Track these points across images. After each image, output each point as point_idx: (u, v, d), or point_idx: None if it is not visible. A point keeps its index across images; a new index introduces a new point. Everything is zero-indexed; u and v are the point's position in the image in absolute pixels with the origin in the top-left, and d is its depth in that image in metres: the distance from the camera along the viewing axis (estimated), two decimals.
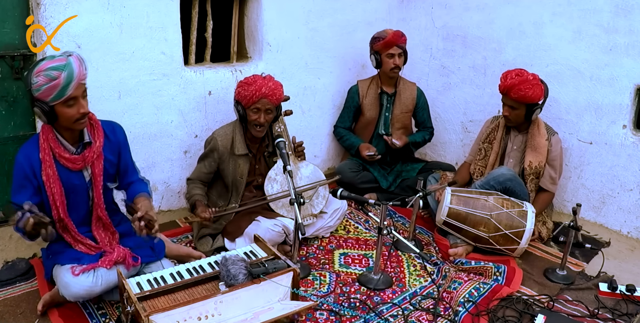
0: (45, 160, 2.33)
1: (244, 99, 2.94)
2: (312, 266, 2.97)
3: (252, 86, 2.92)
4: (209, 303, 2.19)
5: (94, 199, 2.51)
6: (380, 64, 3.77)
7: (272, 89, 2.94)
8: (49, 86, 2.13)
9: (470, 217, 3.02)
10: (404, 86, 3.89)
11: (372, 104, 3.87)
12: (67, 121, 2.26)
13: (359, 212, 3.65)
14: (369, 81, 3.91)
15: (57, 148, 2.35)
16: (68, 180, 2.40)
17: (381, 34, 3.72)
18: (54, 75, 2.12)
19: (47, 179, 2.34)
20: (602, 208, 3.55)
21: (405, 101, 3.87)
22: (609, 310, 2.65)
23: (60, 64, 2.15)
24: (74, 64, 2.16)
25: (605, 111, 3.43)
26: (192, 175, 3.13)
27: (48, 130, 2.34)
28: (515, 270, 2.91)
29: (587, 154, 3.55)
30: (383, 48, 3.70)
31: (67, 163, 2.38)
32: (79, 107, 2.24)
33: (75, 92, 2.20)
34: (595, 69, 3.42)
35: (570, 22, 3.46)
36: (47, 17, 2.69)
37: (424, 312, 2.60)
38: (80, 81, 2.20)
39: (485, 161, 3.39)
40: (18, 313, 2.45)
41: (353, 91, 3.92)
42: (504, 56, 3.82)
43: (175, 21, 3.15)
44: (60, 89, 2.15)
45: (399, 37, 3.69)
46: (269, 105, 2.96)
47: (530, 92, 3.05)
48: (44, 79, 2.13)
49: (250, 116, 2.98)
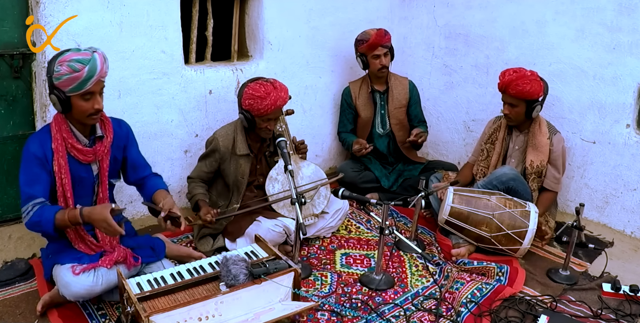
0: (57, 150, 2.34)
1: (255, 111, 2.90)
2: (313, 267, 2.96)
3: (265, 100, 2.86)
4: (210, 304, 2.18)
5: (98, 195, 2.52)
6: (368, 65, 3.75)
7: (284, 98, 2.93)
8: (70, 77, 2.19)
9: (472, 217, 3.01)
10: (396, 81, 3.87)
11: (365, 104, 3.86)
12: (81, 114, 2.31)
13: (361, 212, 3.63)
14: (360, 81, 3.90)
15: (71, 138, 2.37)
16: (76, 173, 2.41)
17: (364, 36, 3.66)
18: (77, 67, 2.19)
19: (59, 169, 2.35)
20: (606, 208, 3.54)
21: (398, 97, 3.85)
22: (612, 310, 2.64)
23: (85, 57, 2.21)
24: (97, 60, 2.23)
25: (608, 110, 3.42)
26: (192, 174, 3.12)
27: (62, 121, 2.37)
28: (517, 271, 2.90)
29: (590, 154, 3.54)
30: (368, 50, 3.67)
31: (79, 155, 2.40)
32: (94, 103, 2.29)
33: (94, 88, 2.26)
34: (598, 68, 3.41)
35: (573, 21, 3.45)
36: (47, 15, 2.68)
37: (426, 312, 2.59)
38: (101, 77, 2.27)
39: (487, 161, 3.38)
40: (17, 313, 2.44)
41: (345, 93, 3.91)
42: (506, 54, 3.81)
43: (175, 19, 3.15)
44: (81, 82, 2.21)
45: (382, 37, 3.64)
46: (279, 112, 2.98)
47: (528, 87, 3.04)
48: (66, 69, 2.19)
49: (260, 124, 2.96)
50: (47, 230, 2.28)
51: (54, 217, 2.26)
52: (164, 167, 3.36)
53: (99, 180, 2.51)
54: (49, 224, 2.26)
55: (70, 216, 2.26)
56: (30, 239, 2.92)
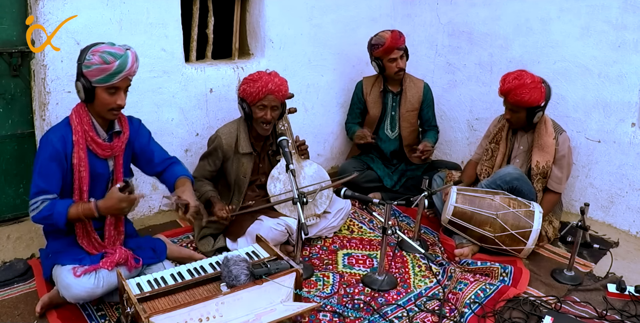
0: (78, 142, 2.37)
1: (249, 96, 2.92)
2: (315, 267, 2.95)
3: (257, 83, 2.90)
4: (210, 305, 2.18)
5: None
6: (384, 69, 3.70)
7: (278, 84, 2.92)
8: (99, 68, 2.24)
9: (476, 216, 3.00)
10: (410, 83, 3.83)
11: (375, 102, 3.83)
12: (103, 107, 2.34)
13: (363, 212, 3.62)
14: (374, 78, 3.87)
15: (91, 131, 2.39)
16: (92, 168, 2.43)
17: (379, 40, 3.60)
18: (109, 60, 2.24)
19: (79, 162, 2.37)
20: (611, 208, 3.52)
21: (411, 99, 3.81)
22: (618, 311, 2.63)
23: (117, 52, 2.28)
24: (129, 57, 2.29)
25: (613, 108, 3.40)
26: (195, 173, 3.10)
27: (83, 113, 2.39)
28: (522, 271, 2.89)
29: (595, 153, 3.53)
30: (384, 54, 3.61)
31: (97, 149, 2.41)
32: (117, 98, 2.33)
33: (120, 84, 2.32)
34: (603, 66, 3.39)
35: (578, 19, 3.43)
36: (46, 13, 2.66)
37: (429, 313, 2.58)
38: (129, 75, 2.33)
39: (492, 161, 3.35)
40: (16, 314, 2.43)
41: (358, 87, 3.90)
42: (510, 52, 3.79)
43: (176, 17, 3.13)
44: (109, 74, 2.26)
45: (397, 40, 3.59)
46: (275, 102, 2.95)
47: (527, 97, 2.99)
48: (98, 59, 2.24)
49: (256, 114, 2.95)
50: (58, 223, 2.29)
51: (67, 211, 2.28)
52: None
53: (114, 177, 2.52)
54: (62, 218, 2.27)
55: (84, 208, 2.29)
56: (29, 239, 2.92)
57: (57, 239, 2.47)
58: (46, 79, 2.74)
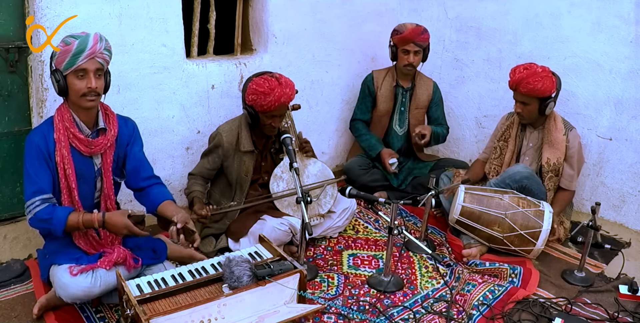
0: (59, 140, 2.35)
1: (259, 107, 2.87)
2: (319, 268, 2.94)
3: (269, 97, 2.82)
4: (212, 306, 2.18)
5: (102, 190, 2.51)
6: (396, 58, 3.70)
7: (289, 95, 2.88)
8: (62, 51, 2.26)
9: (484, 216, 2.98)
10: (421, 81, 3.82)
11: (386, 97, 3.79)
12: (76, 94, 2.31)
13: (369, 211, 3.60)
14: (385, 71, 3.83)
15: (73, 127, 2.37)
16: (77, 166, 2.40)
17: (401, 27, 3.63)
18: (69, 41, 2.26)
19: (61, 160, 2.35)
20: (622, 207, 3.50)
21: (421, 97, 3.80)
22: (630, 313, 2.62)
23: (78, 34, 2.30)
24: (90, 37, 2.29)
25: (625, 105, 3.38)
26: (194, 170, 3.09)
27: (65, 110, 2.37)
28: (531, 272, 2.88)
29: (607, 151, 3.50)
30: (399, 42, 3.62)
31: (80, 145, 2.38)
32: (87, 81, 2.29)
33: (87, 65, 2.27)
34: (615, 61, 3.36)
35: (589, 13, 3.40)
36: (43, 7, 2.62)
37: (437, 315, 2.57)
38: (93, 54, 2.28)
39: (500, 160, 3.33)
40: (13, 316, 2.41)
41: (367, 80, 3.84)
42: (519, 48, 3.75)
43: (176, 12, 3.10)
44: (72, 55, 2.24)
45: (417, 35, 3.58)
46: (284, 109, 2.94)
47: (540, 85, 2.98)
48: (60, 44, 2.28)
49: (264, 121, 2.93)
50: (55, 230, 2.28)
51: (66, 218, 2.27)
52: (165, 164, 3.32)
53: (102, 176, 2.49)
54: (60, 225, 2.27)
55: (85, 219, 2.29)
56: (26, 239, 2.90)
57: (55, 239, 2.44)
58: (44, 75, 2.71)
